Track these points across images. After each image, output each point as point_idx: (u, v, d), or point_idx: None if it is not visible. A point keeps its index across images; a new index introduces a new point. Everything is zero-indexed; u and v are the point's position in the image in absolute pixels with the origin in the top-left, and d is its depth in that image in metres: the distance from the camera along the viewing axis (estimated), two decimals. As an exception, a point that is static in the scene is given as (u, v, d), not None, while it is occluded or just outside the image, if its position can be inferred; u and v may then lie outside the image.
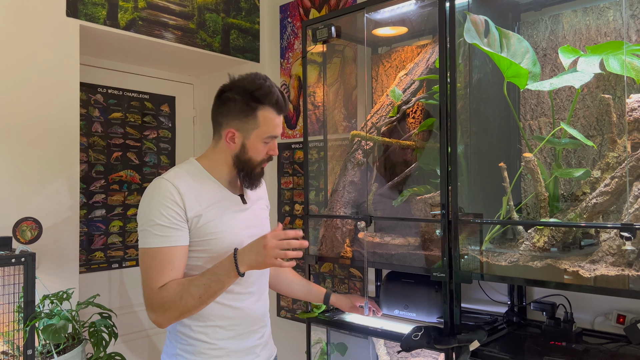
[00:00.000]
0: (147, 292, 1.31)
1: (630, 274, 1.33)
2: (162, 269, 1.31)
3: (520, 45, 1.64)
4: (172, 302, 1.29)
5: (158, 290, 1.30)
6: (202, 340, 1.39)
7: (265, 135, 1.42)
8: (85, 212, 2.78)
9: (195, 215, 1.36)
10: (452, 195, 1.60)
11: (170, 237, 1.32)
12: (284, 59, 2.92)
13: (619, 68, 1.45)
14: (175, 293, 1.29)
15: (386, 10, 1.96)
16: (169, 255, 1.32)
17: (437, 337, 1.58)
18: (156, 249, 1.31)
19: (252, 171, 1.46)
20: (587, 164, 1.65)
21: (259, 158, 1.45)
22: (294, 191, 2.84)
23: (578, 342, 1.61)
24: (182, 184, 1.37)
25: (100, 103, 2.89)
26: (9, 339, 1.72)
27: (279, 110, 1.43)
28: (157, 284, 1.30)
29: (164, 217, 1.32)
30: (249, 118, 1.40)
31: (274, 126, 1.43)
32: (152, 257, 1.31)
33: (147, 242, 1.33)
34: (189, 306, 1.30)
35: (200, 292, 1.30)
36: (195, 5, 2.67)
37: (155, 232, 1.31)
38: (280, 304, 2.90)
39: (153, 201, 1.34)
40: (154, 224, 1.32)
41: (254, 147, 1.43)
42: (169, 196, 1.33)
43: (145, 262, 1.33)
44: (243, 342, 1.44)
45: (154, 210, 1.32)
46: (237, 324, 1.43)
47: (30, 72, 2.09)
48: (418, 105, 2.00)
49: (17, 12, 2.05)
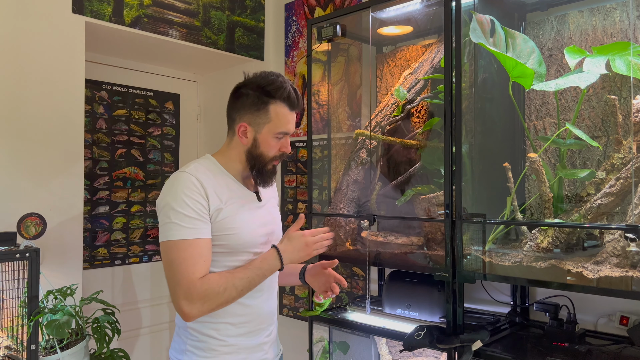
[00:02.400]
0: (185, 283, 1.29)
1: (634, 276, 1.32)
2: (196, 261, 1.31)
3: (525, 45, 1.63)
4: (215, 293, 1.30)
5: (200, 281, 1.30)
6: (213, 336, 1.40)
7: (276, 131, 1.43)
8: (89, 208, 2.79)
9: (216, 209, 1.37)
10: (456, 195, 1.60)
11: (199, 230, 1.33)
12: (288, 57, 2.92)
13: (625, 69, 1.44)
14: (219, 285, 1.31)
15: (391, 9, 1.96)
16: (200, 246, 1.32)
17: (439, 337, 1.58)
18: (187, 240, 1.31)
19: (264, 167, 1.46)
20: (591, 164, 1.65)
21: (270, 154, 1.45)
22: (297, 189, 2.84)
23: (581, 343, 1.60)
24: (204, 177, 1.38)
25: (105, 100, 2.89)
26: (12, 334, 1.73)
27: (291, 105, 1.43)
28: (196, 275, 1.30)
29: (190, 208, 1.32)
30: (261, 112, 1.42)
31: (286, 122, 1.43)
32: (184, 249, 1.31)
33: (175, 234, 1.31)
34: (230, 298, 1.33)
35: (243, 284, 1.34)
36: (201, 2, 2.68)
37: (184, 224, 1.31)
38: (282, 302, 2.91)
39: (178, 193, 1.33)
40: (182, 216, 1.31)
41: (266, 142, 1.44)
42: (194, 188, 1.34)
43: (176, 254, 1.31)
44: (253, 339, 1.45)
45: (179, 202, 1.32)
46: (247, 321, 1.44)
47: (36, 69, 2.09)
48: (422, 105, 2.00)
49: (23, 9, 2.06)
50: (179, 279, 1.30)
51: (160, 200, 1.37)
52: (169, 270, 1.33)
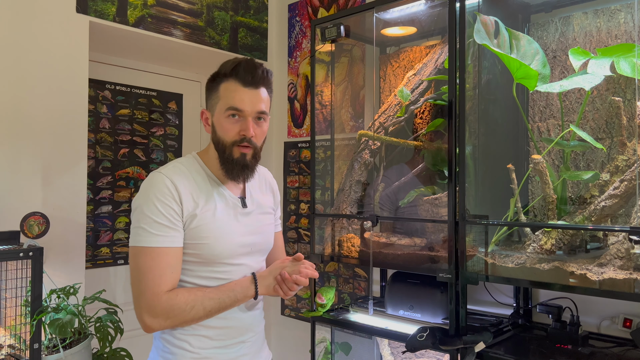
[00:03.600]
0: (149, 295, 1.22)
1: (638, 278, 1.32)
2: (163, 272, 1.23)
3: (530, 47, 1.63)
4: (180, 310, 1.23)
5: (166, 295, 1.22)
6: (184, 348, 1.31)
7: (225, 107, 1.29)
8: (92, 207, 2.79)
9: (190, 214, 1.27)
10: (459, 196, 1.59)
11: (169, 237, 1.25)
12: (291, 57, 2.92)
13: (630, 71, 1.44)
14: (187, 303, 1.23)
15: (395, 10, 1.96)
16: (169, 256, 1.24)
17: (442, 338, 1.57)
18: (155, 248, 1.23)
19: (227, 155, 1.31)
20: (595, 166, 1.64)
21: (228, 138, 1.31)
22: (300, 190, 2.84)
23: (584, 346, 1.60)
24: (180, 179, 1.28)
25: (108, 99, 2.90)
26: (15, 333, 1.73)
27: (243, 81, 1.29)
28: (162, 288, 1.22)
29: (161, 214, 1.24)
30: (212, 92, 1.34)
31: (234, 97, 1.28)
32: (151, 258, 1.23)
33: (143, 239, 1.23)
34: (196, 317, 1.25)
35: (212, 305, 1.26)
36: (204, 3, 2.68)
37: (153, 231, 1.23)
38: (284, 302, 2.91)
39: (150, 197, 1.25)
40: (152, 222, 1.23)
41: (219, 123, 1.31)
42: (167, 192, 1.25)
43: (142, 262, 1.23)
44: (230, 352, 1.36)
45: (150, 207, 1.24)
46: (224, 334, 1.34)
47: (40, 68, 2.10)
48: (426, 106, 2.00)
49: (27, 9, 2.07)
50: (143, 289, 1.22)
51: (135, 200, 1.29)
52: (134, 277, 1.25)
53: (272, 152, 3.03)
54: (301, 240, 2.84)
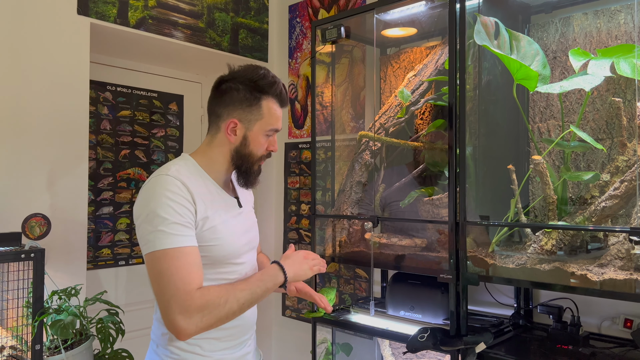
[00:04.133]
0: (182, 295, 1.15)
1: (638, 278, 1.32)
2: (191, 270, 1.18)
3: (530, 48, 1.63)
4: (215, 305, 1.18)
5: (198, 292, 1.17)
6: (196, 352, 1.30)
7: (268, 128, 1.36)
8: (93, 209, 2.80)
9: (203, 217, 1.26)
10: (460, 197, 1.60)
11: (189, 237, 1.21)
12: (292, 58, 2.93)
13: (630, 71, 1.44)
14: (220, 296, 1.19)
15: (395, 11, 1.96)
16: (193, 255, 1.21)
17: (443, 339, 1.58)
18: (179, 248, 1.18)
19: (251, 167, 1.37)
20: (596, 167, 1.64)
21: (259, 152, 1.37)
22: (301, 191, 2.85)
23: (585, 346, 1.60)
24: (188, 181, 1.26)
25: (109, 101, 2.90)
26: (17, 334, 1.74)
27: (282, 102, 1.38)
28: (193, 285, 1.17)
29: (177, 214, 1.20)
30: (253, 108, 1.33)
31: (277, 118, 1.37)
32: (177, 258, 1.17)
33: (164, 242, 1.18)
34: (230, 312, 1.21)
35: (245, 297, 1.23)
36: (205, 4, 2.68)
37: (172, 232, 1.18)
38: (285, 303, 2.91)
39: (163, 199, 1.20)
40: (170, 223, 1.19)
41: (256, 140, 1.35)
42: (179, 192, 1.22)
43: (167, 265, 1.17)
44: (237, 351, 1.39)
45: (165, 209, 1.19)
46: (232, 334, 1.36)
47: (41, 70, 2.10)
48: (426, 107, 2.00)
49: (28, 10, 2.07)
50: (174, 291, 1.16)
51: (142, 208, 1.23)
52: (159, 283, 1.18)
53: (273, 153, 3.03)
54: (302, 241, 2.85)
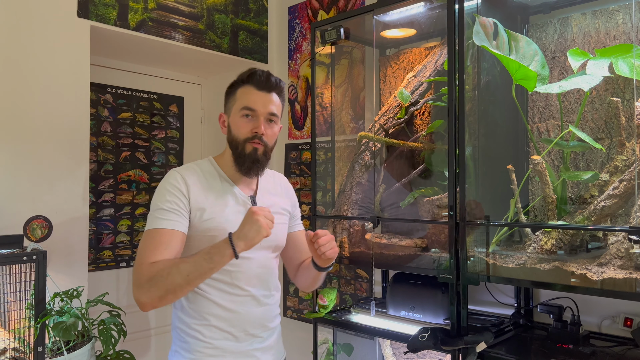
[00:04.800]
0: (137, 268, 1.31)
1: (638, 277, 1.33)
2: (155, 248, 1.32)
3: (529, 48, 1.64)
4: (159, 277, 1.26)
5: (148, 265, 1.29)
6: (197, 338, 1.40)
7: (240, 107, 1.43)
8: (94, 211, 2.80)
9: (199, 208, 1.39)
10: (459, 197, 1.60)
11: (170, 221, 1.35)
12: (292, 60, 2.93)
13: (628, 71, 1.45)
14: (164, 269, 1.27)
15: (395, 12, 1.97)
16: (166, 236, 1.34)
17: (443, 339, 1.58)
18: (155, 229, 1.35)
19: (241, 152, 1.43)
20: (595, 167, 1.65)
21: (241, 135, 1.44)
22: (301, 192, 2.85)
23: (585, 345, 1.61)
24: (191, 175, 1.42)
25: (110, 103, 2.91)
26: (19, 336, 1.74)
27: (257, 84, 1.43)
28: (149, 260, 1.30)
29: (167, 202, 1.37)
30: (230, 97, 1.48)
31: (248, 99, 1.43)
32: (151, 237, 1.34)
33: (148, 224, 1.37)
34: (175, 284, 1.26)
35: (189, 269, 1.26)
36: (205, 6, 2.69)
37: (157, 215, 1.36)
38: (286, 304, 2.92)
39: (161, 189, 1.40)
40: (158, 209, 1.37)
41: (234, 123, 1.46)
42: (175, 184, 1.39)
43: (142, 243, 1.35)
44: (240, 345, 1.42)
45: (160, 197, 1.39)
46: (234, 325, 1.42)
47: (42, 72, 2.11)
48: (426, 107, 2.01)
49: (29, 13, 2.08)
50: (135, 265, 1.32)
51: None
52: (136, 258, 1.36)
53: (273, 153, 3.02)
54: (303, 241, 2.85)
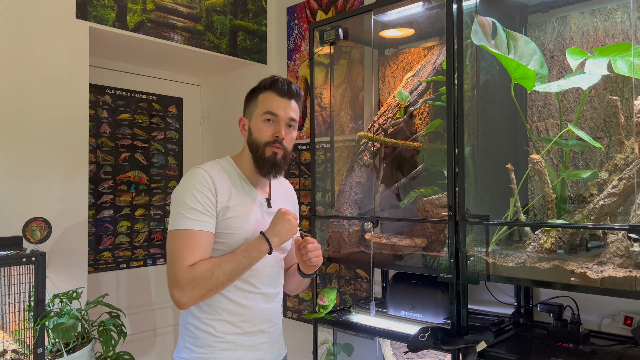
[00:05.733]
0: (177, 269, 1.35)
1: (637, 276, 1.32)
2: (193, 249, 1.37)
3: (527, 47, 1.64)
4: (203, 278, 1.35)
5: (189, 267, 1.35)
6: (210, 332, 1.45)
7: (262, 112, 1.50)
8: (93, 212, 2.80)
9: (224, 206, 1.44)
10: (459, 196, 1.60)
11: (203, 222, 1.40)
12: (290, 60, 2.93)
13: (627, 70, 1.45)
14: (207, 270, 1.35)
15: (393, 12, 1.97)
16: (201, 238, 1.39)
17: (444, 338, 1.58)
18: (189, 231, 1.38)
19: (261, 155, 1.50)
20: (594, 165, 1.65)
21: (262, 138, 1.50)
22: (301, 192, 2.85)
23: (585, 344, 1.61)
24: (217, 175, 1.47)
25: (109, 104, 2.91)
26: (19, 338, 1.74)
27: (278, 91, 1.51)
28: (188, 261, 1.35)
29: (198, 202, 1.40)
30: (251, 102, 1.55)
31: (270, 105, 1.50)
32: (185, 238, 1.37)
33: (180, 224, 1.39)
34: (218, 282, 1.37)
35: (231, 267, 1.38)
36: (203, 7, 2.69)
37: (189, 216, 1.39)
38: (286, 304, 2.91)
39: (189, 187, 1.42)
40: (189, 208, 1.39)
41: (256, 127, 1.51)
42: (204, 183, 1.43)
43: (176, 243, 1.38)
44: (250, 338, 1.50)
45: (189, 195, 1.41)
46: (245, 320, 1.48)
47: (40, 74, 2.11)
48: (425, 107, 2.01)
49: (27, 15, 2.08)
50: (172, 266, 1.37)
51: (174, 192, 1.46)
52: (169, 258, 1.39)
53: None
54: (302, 242, 2.85)
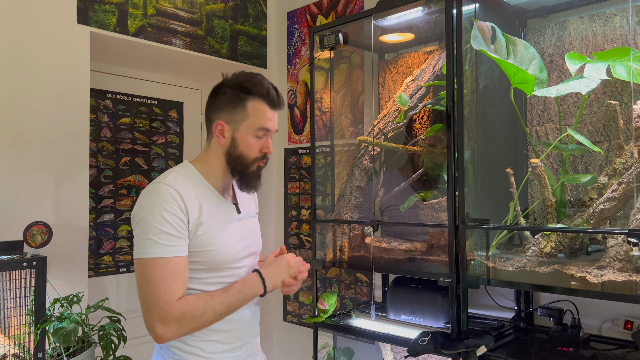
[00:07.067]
0: (161, 304, 1.22)
1: (637, 280, 1.33)
2: (174, 281, 1.24)
3: (526, 52, 1.65)
4: (192, 317, 1.24)
5: (177, 303, 1.23)
6: (197, 354, 1.34)
7: (255, 127, 1.34)
8: (94, 216, 2.80)
9: (196, 223, 1.30)
10: (459, 200, 1.61)
11: (177, 247, 1.26)
12: (291, 65, 2.94)
13: (626, 74, 1.45)
14: (197, 308, 1.25)
15: (393, 17, 1.98)
16: (179, 265, 1.26)
17: (444, 342, 1.58)
18: (165, 259, 1.24)
19: (245, 170, 1.38)
20: (594, 169, 1.65)
21: (251, 154, 1.36)
22: (301, 196, 2.85)
23: (585, 348, 1.61)
24: (183, 189, 1.30)
25: (110, 109, 2.92)
26: (20, 342, 1.74)
27: (271, 103, 1.36)
28: (173, 296, 1.23)
29: (169, 224, 1.24)
30: (238, 109, 1.34)
31: (265, 118, 1.35)
32: (163, 268, 1.23)
33: (152, 251, 1.23)
34: (207, 322, 1.27)
35: (223, 309, 1.29)
36: (204, 12, 2.70)
37: (161, 242, 1.23)
38: (286, 308, 2.91)
39: (155, 207, 1.25)
40: (159, 232, 1.24)
41: (245, 141, 1.35)
42: (172, 202, 1.26)
43: (153, 273, 1.23)
44: (238, 353, 1.41)
45: (157, 217, 1.24)
46: (233, 336, 1.39)
47: (42, 78, 2.11)
48: (425, 111, 2.02)
49: (29, 19, 2.09)
50: (155, 299, 1.23)
51: (136, 213, 1.28)
52: (143, 289, 1.25)
53: (273, 158, 3.04)
54: (302, 246, 2.85)
